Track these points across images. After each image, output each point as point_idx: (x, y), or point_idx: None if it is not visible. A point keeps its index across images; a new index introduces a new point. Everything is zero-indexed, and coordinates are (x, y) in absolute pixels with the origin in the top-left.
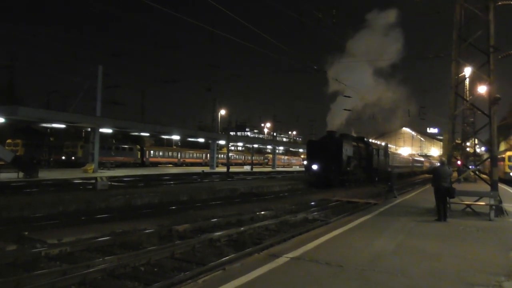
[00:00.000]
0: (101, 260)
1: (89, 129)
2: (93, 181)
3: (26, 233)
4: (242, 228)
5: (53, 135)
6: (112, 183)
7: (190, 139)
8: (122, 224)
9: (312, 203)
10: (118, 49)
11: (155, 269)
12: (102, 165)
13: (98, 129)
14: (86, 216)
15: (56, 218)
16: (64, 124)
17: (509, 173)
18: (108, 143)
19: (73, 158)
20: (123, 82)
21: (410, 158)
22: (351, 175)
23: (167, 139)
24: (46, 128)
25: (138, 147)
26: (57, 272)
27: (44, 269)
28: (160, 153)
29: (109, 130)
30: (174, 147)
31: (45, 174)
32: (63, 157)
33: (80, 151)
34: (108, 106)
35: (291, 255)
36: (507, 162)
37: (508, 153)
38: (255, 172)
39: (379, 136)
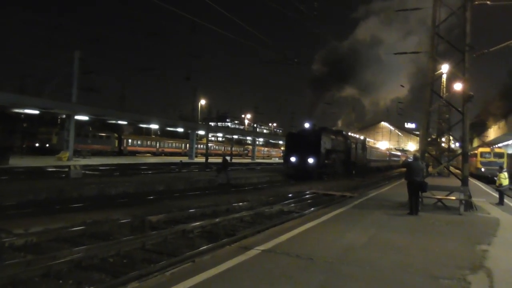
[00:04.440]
0: (68, 251)
1: (64, 116)
2: (67, 169)
3: None
4: (216, 220)
5: (27, 121)
6: (87, 172)
7: (169, 128)
8: (94, 213)
9: (289, 195)
10: (97, 35)
11: (124, 261)
12: (77, 153)
13: (74, 116)
14: (57, 205)
15: (25, 207)
16: (38, 110)
17: (481, 168)
18: (84, 130)
19: (47, 145)
20: (101, 69)
21: (387, 152)
22: (329, 168)
23: (146, 128)
24: (20, 113)
25: (116, 135)
26: (20, 263)
27: (7, 260)
28: (139, 142)
29: (85, 117)
30: (153, 136)
31: (16, 162)
32: (37, 144)
33: (55, 138)
34: (86, 93)
35: (262, 247)
36: (479, 158)
37: (480, 150)
38: (234, 163)
39: (358, 130)
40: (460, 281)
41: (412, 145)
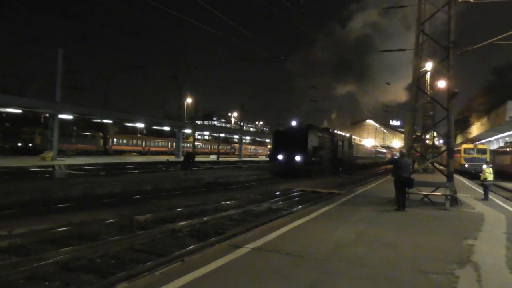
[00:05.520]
0: (54, 252)
1: (47, 115)
2: (51, 169)
3: None
4: (205, 218)
5: (9, 121)
6: (72, 172)
7: (155, 127)
8: (80, 214)
9: (277, 193)
10: (81, 33)
11: (113, 261)
12: (62, 153)
13: (57, 115)
14: (42, 206)
15: (8, 208)
16: (20, 109)
17: (464, 165)
18: (68, 130)
19: (30, 145)
20: (86, 67)
21: (373, 149)
22: (316, 165)
23: (131, 127)
24: (2, 112)
25: (101, 134)
26: (4, 265)
27: None
28: (124, 141)
29: (69, 116)
30: (139, 135)
31: None
32: (20, 144)
33: (38, 138)
34: (71, 92)
35: (252, 245)
36: (462, 154)
37: (464, 146)
38: (221, 162)
39: (344, 128)
40: (449, 275)
41: (397, 142)
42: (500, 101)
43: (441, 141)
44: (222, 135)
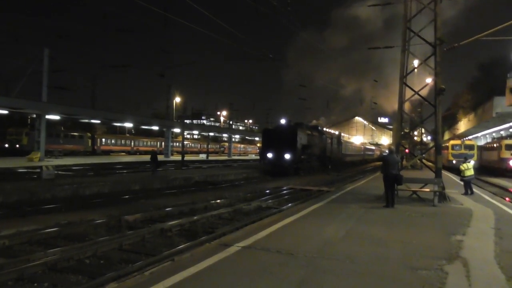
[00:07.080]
0: (42, 253)
1: (34, 116)
2: (38, 170)
3: None
4: (195, 217)
5: None
6: (59, 172)
7: (144, 126)
8: (68, 215)
9: (267, 191)
10: (66, 31)
11: (101, 262)
12: (49, 153)
13: (44, 116)
14: (29, 207)
15: None
16: (6, 110)
17: (452, 161)
18: (56, 130)
19: (17, 146)
20: (72, 66)
21: (362, 146)
22: (305, 163)
23: (119, 126)
24: None
25: (89, 134)
26: None
27: None
28: (112, 141)
29: (56, 117)
30: (127, 135)
31: None
32: (6, 145)
33: (25, 139)
34: (57, 92)
35: (242, 244)
36: (450, 151)
37: (451, 142)
38: (211, 161)
39: (333, 125)
40: (438, 271)
41: (385, 139)
42: (487, 97)
43: (429, 137)
44: (211, 134)
